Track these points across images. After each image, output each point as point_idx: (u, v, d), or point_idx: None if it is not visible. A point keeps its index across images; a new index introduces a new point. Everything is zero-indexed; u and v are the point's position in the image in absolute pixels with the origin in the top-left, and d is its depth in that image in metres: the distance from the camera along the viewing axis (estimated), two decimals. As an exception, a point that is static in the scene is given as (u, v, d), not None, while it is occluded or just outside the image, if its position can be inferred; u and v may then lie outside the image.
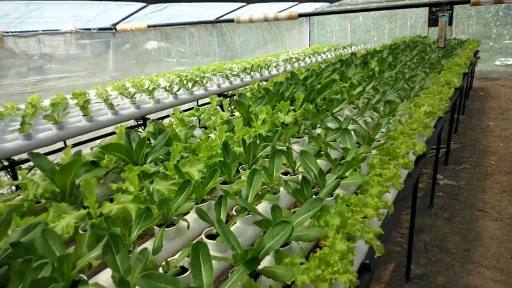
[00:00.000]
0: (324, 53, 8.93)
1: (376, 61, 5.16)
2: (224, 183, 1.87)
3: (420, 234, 3.79)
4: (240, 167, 2.13)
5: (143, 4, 6.02)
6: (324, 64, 5.21)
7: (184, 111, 5.88)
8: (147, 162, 2.05)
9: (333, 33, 15.26)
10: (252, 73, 6.20)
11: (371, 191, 1.58)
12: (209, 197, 1.75)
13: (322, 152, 2.08)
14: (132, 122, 4.64)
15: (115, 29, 6.62)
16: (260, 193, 1.69)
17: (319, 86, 3.57)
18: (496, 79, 11.46)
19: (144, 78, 5.63)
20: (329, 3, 11.70)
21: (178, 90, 4.59)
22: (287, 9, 10.30)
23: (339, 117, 3.13)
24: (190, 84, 4.80)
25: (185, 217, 1.58)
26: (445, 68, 4.81)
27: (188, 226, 1.51)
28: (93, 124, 3.56)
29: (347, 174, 1.83)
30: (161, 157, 2.12)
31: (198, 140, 2.29)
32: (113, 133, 4.87)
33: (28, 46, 6.39)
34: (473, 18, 12.00)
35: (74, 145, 4.15)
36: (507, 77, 11.50)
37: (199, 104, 5.82)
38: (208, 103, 6.33)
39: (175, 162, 1.88)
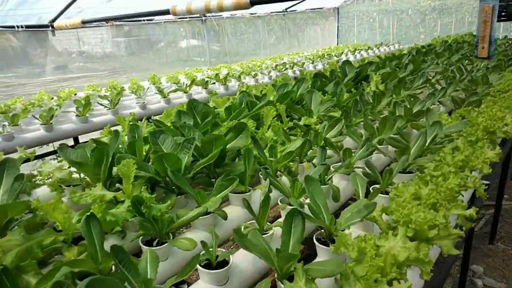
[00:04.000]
0: (339, 56, 6.98)
1: (379, 76, 3.23)
2: None
3: None
4: None
5: (73, -8, 4.51)
6: (301, 77, 3.38)
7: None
8: None
9: (375, 30, 13.13)
10: (213, 85, 4.50)
11: None
12: None
13: None
14: None
15: (52, 26, 5.19)
16: None
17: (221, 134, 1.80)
18: None
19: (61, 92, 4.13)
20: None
21: (50, 118, 2.99)
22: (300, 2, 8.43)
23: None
24: (99, 104, 3.20)
25: None
26: (495, 90, 2.81)
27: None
28: None
29: None
30: None
31: None
32: None
33: (69, 43, 6.22)
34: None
35: None
36: None
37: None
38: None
39: None
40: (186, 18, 7.20)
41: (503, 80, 3.11)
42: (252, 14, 8.65)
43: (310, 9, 10.24)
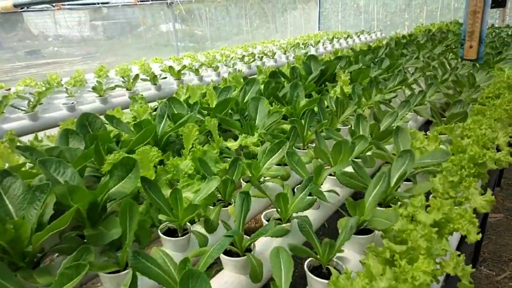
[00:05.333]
0: (315, 44, 6.42)
1: (348, 74, 2.71)
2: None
3: None
4: None
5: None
6: (251, 79, 2.84)
7: None
8: None
9: (360, 16, 12.62)
10: (165, 80, 3.93)
11: None
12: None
13: None
14: None
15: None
16: None
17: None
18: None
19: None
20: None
21: None
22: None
23: None
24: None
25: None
26: (483, 96, 2.33)
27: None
28: None
29: None
30: None
31: None
32: None
33: (46, 26, 5.91)
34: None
35: None
36: None
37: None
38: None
39: None
40: (149, 1, 6.55)
41: (492, 82, 2.64)
42: (225, -3, 8.03)
43: (288, -8, 9.63)
